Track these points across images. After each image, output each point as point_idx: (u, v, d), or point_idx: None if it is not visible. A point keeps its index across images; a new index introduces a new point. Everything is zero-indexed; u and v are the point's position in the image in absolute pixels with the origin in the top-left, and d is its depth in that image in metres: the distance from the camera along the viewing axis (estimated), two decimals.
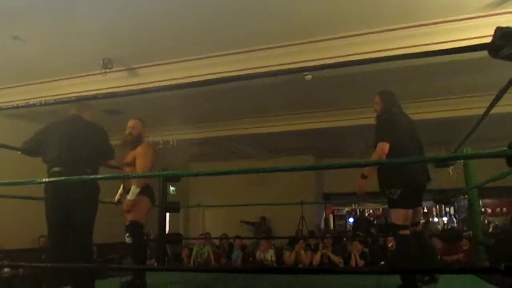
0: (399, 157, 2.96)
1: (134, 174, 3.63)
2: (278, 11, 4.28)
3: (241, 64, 4.89)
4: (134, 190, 3.48)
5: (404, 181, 3.11)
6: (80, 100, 3.07)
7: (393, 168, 3.14)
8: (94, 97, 2.54)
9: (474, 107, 5.61)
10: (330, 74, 5.02)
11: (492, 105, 2.24)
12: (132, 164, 3.60)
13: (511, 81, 1.75)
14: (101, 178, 3.20)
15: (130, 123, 3.75)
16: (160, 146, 7.63)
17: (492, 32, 1.44)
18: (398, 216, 3.14)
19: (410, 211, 3.16)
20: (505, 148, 1.49)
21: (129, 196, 3.50)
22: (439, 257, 6.40)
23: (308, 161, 10.35)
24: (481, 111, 2.55)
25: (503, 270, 1.31)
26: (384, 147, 3.08)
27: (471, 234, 4.30)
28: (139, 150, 3.62)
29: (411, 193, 3.14)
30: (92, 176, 3.11)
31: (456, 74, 5.39)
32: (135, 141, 3.68)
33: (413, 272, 3.25)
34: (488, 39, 1.45)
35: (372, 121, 3.37)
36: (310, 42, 4.77)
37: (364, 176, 3.13)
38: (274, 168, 4.50)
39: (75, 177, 2.88)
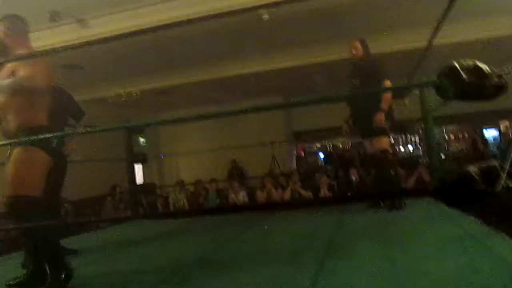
0: None
1: None
2: None
3: (193, 8, 4.72)
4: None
5: (391, 115, 3.85)
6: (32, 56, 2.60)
7: None
8: (46, 52, 2.42)
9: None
10: (287, 12, 4.94)
11: (434, 35, 2.29)
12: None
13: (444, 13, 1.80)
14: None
15: None
16: (123, 99, 7.48)
17: None
18: (387, 143, 3.88)
19: None
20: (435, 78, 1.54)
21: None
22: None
23: (277, 102, 10.34)
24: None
25: (431, 191, 1.40)
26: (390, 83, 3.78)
27: (427, 160, 4.54)
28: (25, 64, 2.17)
29: (394, 124, 3.91)
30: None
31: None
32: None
33: (372, 197, 3.61)
34: None
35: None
36: None
37: (384, 111, 3.70)
38: (239, 110, 4.54)
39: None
